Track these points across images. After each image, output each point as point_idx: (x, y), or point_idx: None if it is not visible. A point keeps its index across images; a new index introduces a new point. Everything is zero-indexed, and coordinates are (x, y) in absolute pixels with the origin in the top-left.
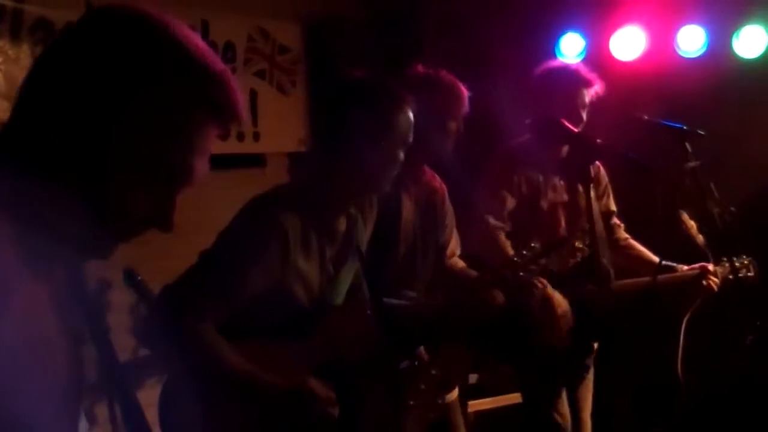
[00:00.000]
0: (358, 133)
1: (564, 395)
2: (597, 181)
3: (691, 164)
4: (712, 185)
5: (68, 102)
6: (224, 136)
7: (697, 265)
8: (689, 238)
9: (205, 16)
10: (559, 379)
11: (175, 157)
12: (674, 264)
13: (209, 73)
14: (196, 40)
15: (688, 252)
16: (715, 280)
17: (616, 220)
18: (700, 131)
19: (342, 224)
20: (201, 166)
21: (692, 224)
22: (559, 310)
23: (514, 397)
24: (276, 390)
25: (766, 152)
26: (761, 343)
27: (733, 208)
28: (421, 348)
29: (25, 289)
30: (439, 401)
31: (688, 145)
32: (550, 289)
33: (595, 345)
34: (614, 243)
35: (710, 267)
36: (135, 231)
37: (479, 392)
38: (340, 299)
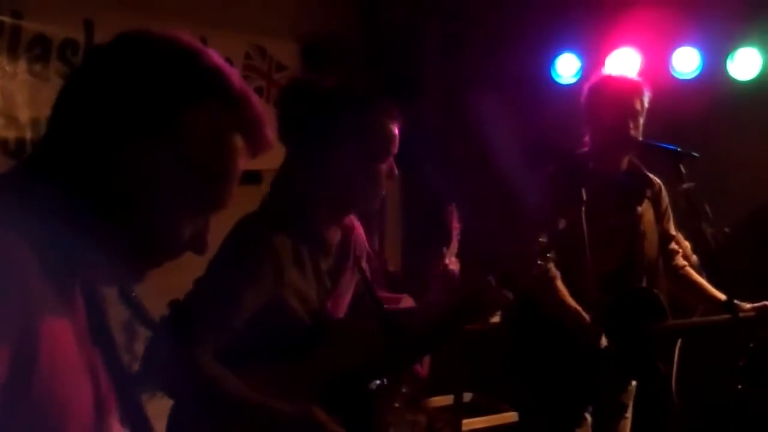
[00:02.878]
0: (349, 146)
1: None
2: (657, 202)
3: (685, 186)
4: (706, 206)
5: (103, 126)
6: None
7: (759, 304)
8: (684, 259)
9: (203, 33)
10: (583, 405)
11: (213, 182)
12: (738, 302)
13: (241, 98)
14: (226, 65)
15: None
16: None
17: (674, 246)
18: (694, 153)
19: (335, 236)
20: (232, 189)
21: (686, 245)
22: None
23: (509, 416)
24: (283, 417)
25: (760, 174)
26: (755, 365)
27: (727, 229)
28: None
29: (50, 315)
30: (409, 417)
31: (682, 167)
32: None
33: (633, 384)
34: (671, 270)
35: None
36: (173, 256)
37: (474, 410)
38: (342, 313)
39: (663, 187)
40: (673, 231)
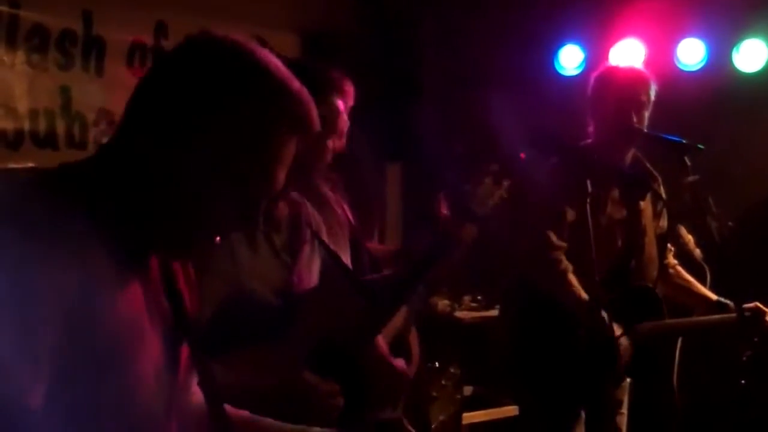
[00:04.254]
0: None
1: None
2: (657, 198)
3: (690, 178)
4: (710, 199)
5: (165, 117)
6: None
7: (751, 305)
8: (687, 252)
9: (203, 24)
10: (580, 402)
11: (260, 166)
12: (728, 302)
13: (283, 90)
14: (277, 62)
15: (685, 266)
16: None
17: (669, 245)
18: (699, 145)
19: (283, 210)
20: (282, 175)
21: (689, 238)
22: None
23: (510, 410)
24: (272, 393)
25: (765, 166)
26: (758, 359)
27: (731, 223)
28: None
29: (118, 283)
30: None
31: (687, 159)
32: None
33: (628, 379)
34: (662, 268)
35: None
36: (223, 234)
37: (474, 404)
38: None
39: (661, 184)
40: (666, 229)
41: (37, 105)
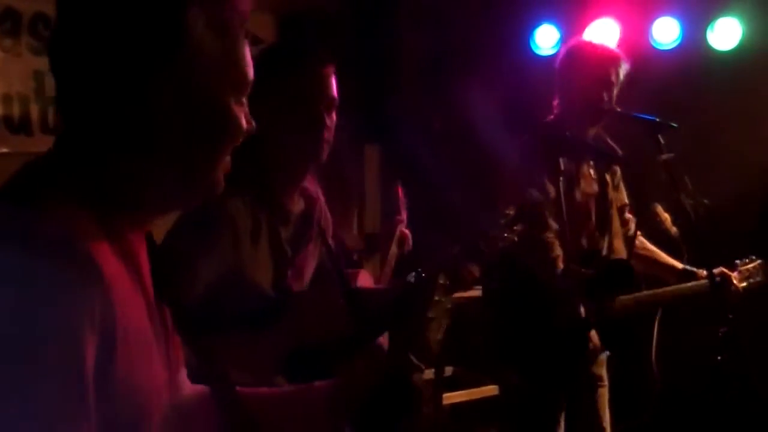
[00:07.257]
0: (283, 100)
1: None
2: (612, 171)
3: (664, 157)
4: (685, 178)
5: (117, 64)
6: None
7: (717, 270)
8: (663, 231)
9: None
10: (556, 381)
11: (236, 66)
12: (695, 269)
13: None
14: None
15: (662, 244)
16: (741, 285)
17: (628, 215)
18: (673, 124)
19: (296, 204)
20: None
21: (666, 216)
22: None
23: (490, 390)
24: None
25: (739, 145)
26: (734, 335)
27: (706, 201)
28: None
29: (120, 290)
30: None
31: (661, 138)
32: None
33: (604, 354)
34: (627, 240)
35: (732, 274)
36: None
37: (455, 385)
38: (304, 285)
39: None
40: (626, 200)
41: (10, 90)
